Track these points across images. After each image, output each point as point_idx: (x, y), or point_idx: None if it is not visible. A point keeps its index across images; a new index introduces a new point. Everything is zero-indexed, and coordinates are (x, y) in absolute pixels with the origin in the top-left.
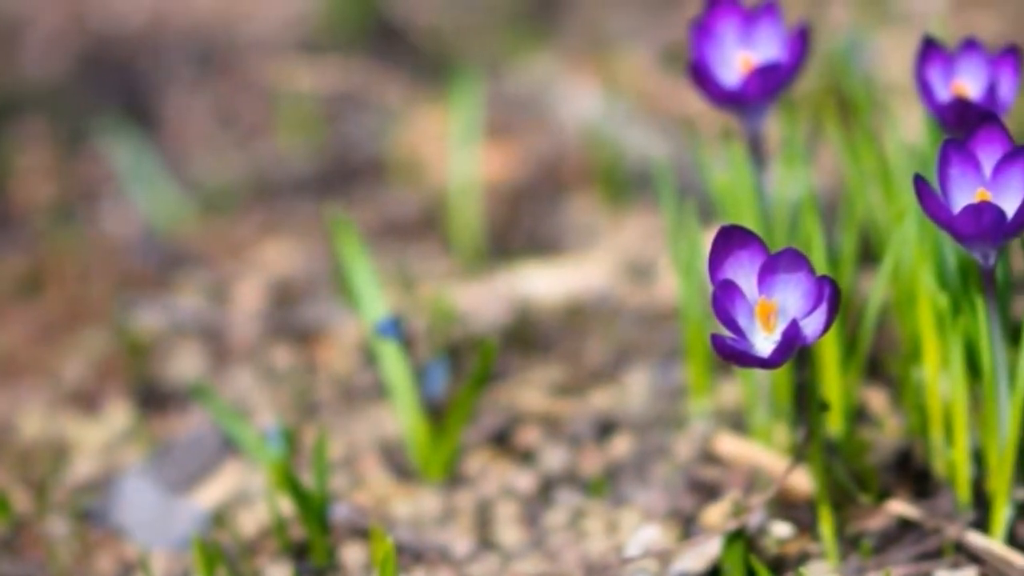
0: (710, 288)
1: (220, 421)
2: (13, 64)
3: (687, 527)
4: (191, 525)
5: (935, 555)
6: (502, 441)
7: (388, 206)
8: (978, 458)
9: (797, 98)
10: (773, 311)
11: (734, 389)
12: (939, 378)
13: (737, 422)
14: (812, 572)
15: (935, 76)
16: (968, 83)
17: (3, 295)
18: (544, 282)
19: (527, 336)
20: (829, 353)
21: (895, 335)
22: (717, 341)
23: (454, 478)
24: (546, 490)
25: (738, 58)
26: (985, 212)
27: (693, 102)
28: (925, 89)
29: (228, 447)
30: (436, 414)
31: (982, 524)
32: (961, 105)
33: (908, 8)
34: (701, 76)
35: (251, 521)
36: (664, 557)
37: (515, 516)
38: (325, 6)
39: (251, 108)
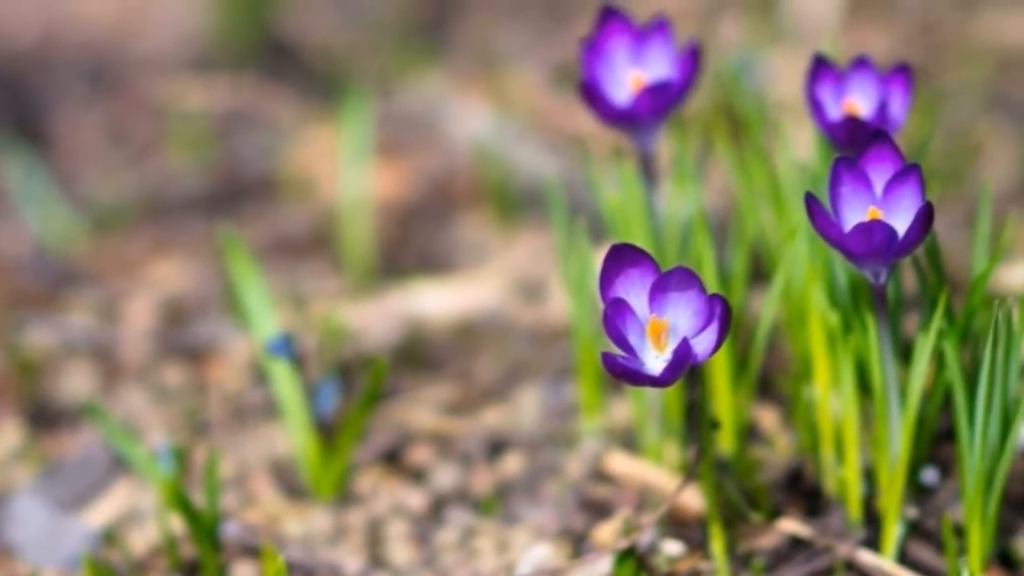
0: (601, 306)
1: (111, 439)
2: None
3: (578, 545)
4: (82, 543)
5: (826, 573)
6: (393, 459)
7: (279, 224)
8: (869, 476)
9: (688, 116)
10: (664, 330)
11: (625, 407)
12: (830, 396)
13: (628, 440)
14: None
15: (826, 94)
16: (859, 101)
17: None
18: (435, 300)
19: (418, 354)
20: (720, 371)
21: (786, 353)
22: (608, 360)
23: (345, 496)
24: (437, 509)
25: (629, 76)
26: (876, 230)
27: (584, 120)
28: (816, 107)
29: (119, 465)
30: (327, 432)
31: (873, 542)
32: (852, 123)
33: (799, 26)
34: (591, 95)
35: (142, 540)
36: None
37: (406, 535)
38: (217, 24)
39: (142, 126)
